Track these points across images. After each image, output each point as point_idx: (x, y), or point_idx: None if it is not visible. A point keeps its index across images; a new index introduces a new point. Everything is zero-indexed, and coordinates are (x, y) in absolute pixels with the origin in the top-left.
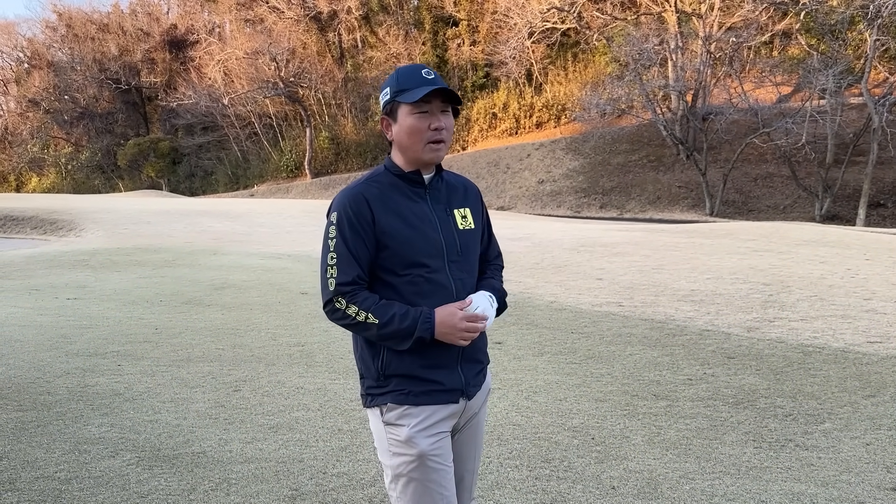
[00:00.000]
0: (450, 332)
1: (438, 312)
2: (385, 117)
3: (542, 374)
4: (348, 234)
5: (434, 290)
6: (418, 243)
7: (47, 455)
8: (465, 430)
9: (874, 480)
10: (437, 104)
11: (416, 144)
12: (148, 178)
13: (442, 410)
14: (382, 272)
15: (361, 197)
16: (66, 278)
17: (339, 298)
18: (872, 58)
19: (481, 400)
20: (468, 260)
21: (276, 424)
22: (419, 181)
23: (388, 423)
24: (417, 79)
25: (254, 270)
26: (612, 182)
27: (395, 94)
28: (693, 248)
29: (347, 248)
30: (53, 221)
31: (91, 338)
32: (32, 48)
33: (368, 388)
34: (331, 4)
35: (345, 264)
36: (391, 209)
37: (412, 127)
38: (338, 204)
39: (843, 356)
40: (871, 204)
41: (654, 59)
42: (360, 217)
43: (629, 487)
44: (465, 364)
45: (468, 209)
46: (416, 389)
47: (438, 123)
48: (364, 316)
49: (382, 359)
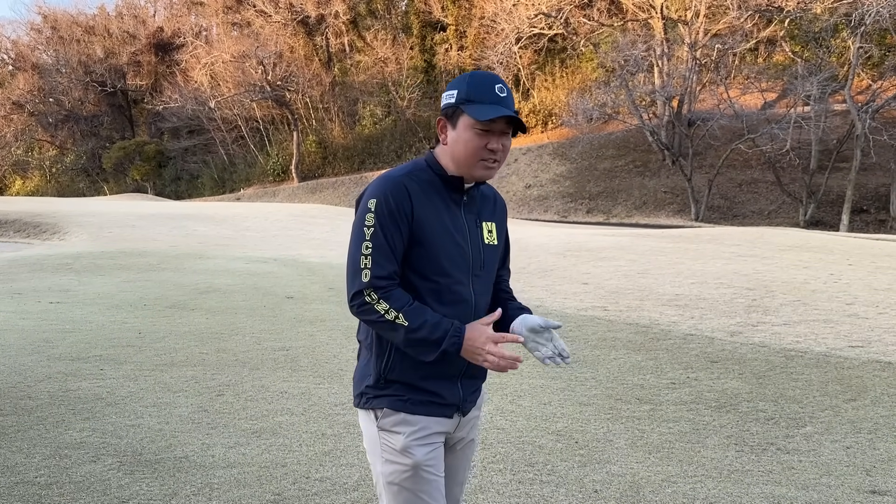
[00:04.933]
0: (475, 352)
1: (469, 329)
2: (443, 118)
3: (527, 378)
4: (387, 224)
5: (454, 301)
6: (447, 249)
7: (27, 460)
8: (458, 446)
9: (853, 483)
10: (501, 124)
11: (470, 160)
12: (133, 181)
13: (437, 423)
14: (407, 271)
15: (403, 187)
16: (49, 282)
17: (370, 292)
18: (856, 65)
19: (474, 416)
20: (488, 276)
21: (259, 429)
22: (459, 188)
23: (382, 428)
24: (490, 95)
25: (239, 274)
26: (599, 187)
27: (462, 101)
28: (678, 253)
29: (385, 240)
30: (37, 225)
31: (73, 342)
32: (17, 50)
33: (365, 388)
34: (318, 8)
35: (382, 256)
36: (429, 207)
37: (470, 143)
38: (377, 190)
39: (824, 360)
40: (855, 210)
41: (641, 65)
42: (400, 208)
43: (612, 491)
44: (466, 380)
45: (495, 224)
46: (414, 398)
47: (497, 145)
48: (394, 315)
49: (386, 362)
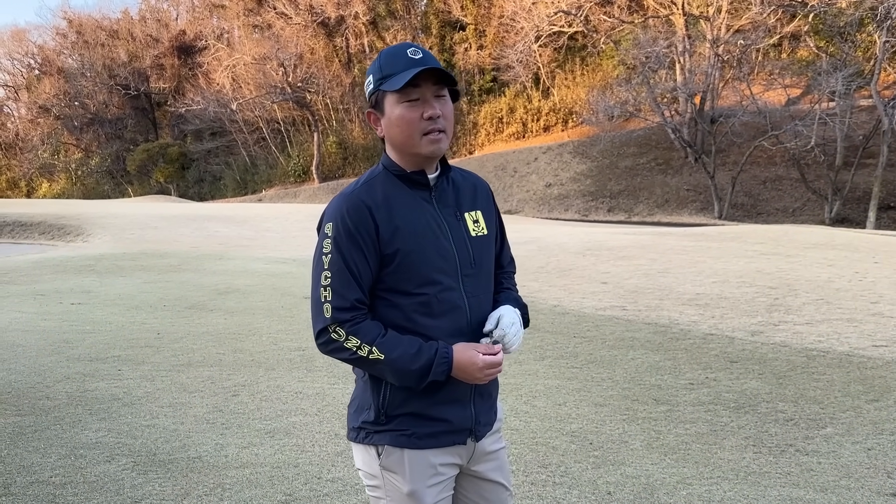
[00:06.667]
0: (468, 375)
1: (457, 354)
2: (371, 110)
3: (543, 379)
4: (346, 248)
5: (445, 311)
6: (429, 255)
7: (43, 460)
8: (484, 473)
9: (874, 486)
10: (430, 88)
11: (410, 139)
12: (157, 183)
13: (448, 453)
14: (387, 292)
15: (361, 203)
16: (71, 283)
17: (335, 328)
18: (882, 60)
19: (492, 441)
20: (483, 272)
21: (272, 429)
22: (423, 182)
23: (386, 468)
24: (403, 61)
25: (258, 275)
26: (620, 185)
27: (379, 81)
28: (700, 252)
29: (346, 266)
30: (61, 227)
31: (93, 343)
32: (43, 55)
33: (363, 423)
34: (338, 10)
35: (342, 286)
36: (397, 217)
37: (402, 118)
38: (333, 213)
39: (847, 360)
40: (882, 206)
41: (663, 62)
42: (360, 227)
43: (625, 493)
44: (479, 399)
45: (479, 212)
46: (419, 431)
47: (433, 111)
48: (367, 350)
49: (384, 394)
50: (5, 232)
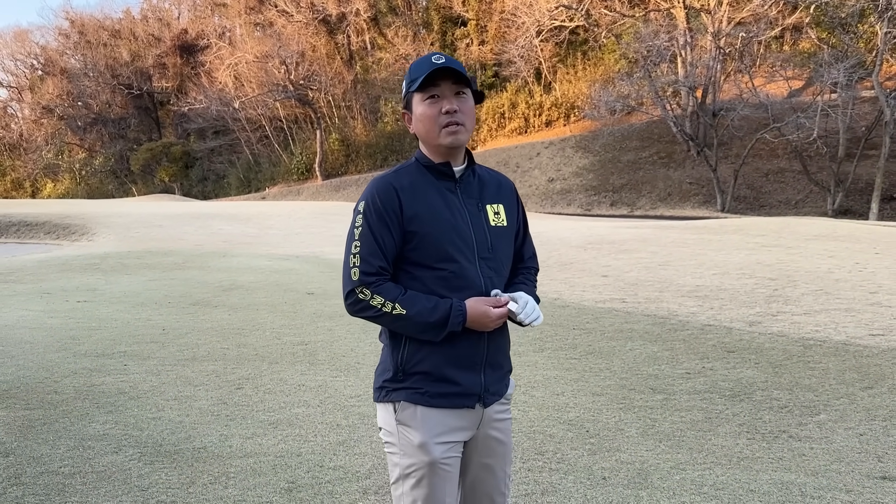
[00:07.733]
0: (481, 325)
1: (471, 308)
2: (405, 111)
3: (541, 370)
4: (375, 223)
5: (462, 286)
6: (448, 236)
7: (52, 451)
8: (486, 446)
9: (864, 470)
10: (449, 87)
11: (431, 132)
12: (161, 182)
13: (457, 416)
14: (410, 265)
15: (390, 186)
16: (76, 282)
17: (362, 289)
18: (884, 51)
19: (500, 410)
20: (498, 258)
21: (276, 420)
22: (449, 174)
23: (401, 422)
24: (426, 66)
25: (262, 272)
26: (623, 179)
27: (408, 85)
28: (701, 244)
29: (374, 237)
30: (66, 226)
31: (99, 339)
32: (46, 55)
33: (384, 382)
34: (339, 7)
35: (369, 254)
36: (421, 200)
37: (423, 114)
38: (367, 193)
39: (843, 349)
40: (884, 198)
41: (664, 55)
42: (387, 206)
43: (620, 478)
44: (489, 370)
45: (502, 205)
46: (432, 390)
47: (450, 106)
48: (391, 307)
49: (403, 354)
50: (11, 232)
